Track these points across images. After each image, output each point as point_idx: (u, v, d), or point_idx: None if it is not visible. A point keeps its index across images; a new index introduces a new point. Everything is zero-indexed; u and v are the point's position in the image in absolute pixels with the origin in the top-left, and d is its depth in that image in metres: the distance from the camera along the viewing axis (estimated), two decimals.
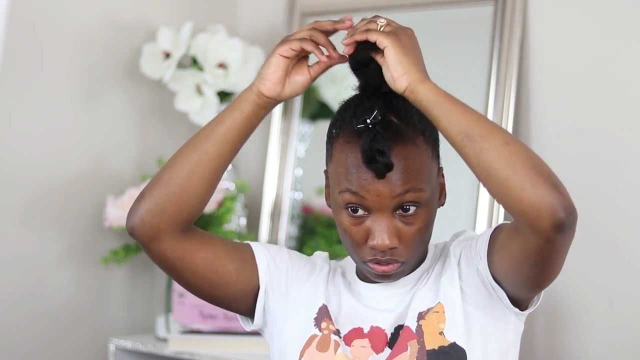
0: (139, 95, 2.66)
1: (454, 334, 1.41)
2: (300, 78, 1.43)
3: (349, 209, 1.39)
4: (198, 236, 1.45)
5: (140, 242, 1.43)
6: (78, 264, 2.55)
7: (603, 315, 2.16)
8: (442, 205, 1.47)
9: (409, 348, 1.40)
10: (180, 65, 2.56)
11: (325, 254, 1.56)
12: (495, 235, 1.39)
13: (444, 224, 2.29)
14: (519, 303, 1.42)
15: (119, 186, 2.58)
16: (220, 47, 2.52)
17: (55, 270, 2.51)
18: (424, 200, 1.38)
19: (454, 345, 1.40)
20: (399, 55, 1.32)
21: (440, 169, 1.46)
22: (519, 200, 1.25)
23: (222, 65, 2.53)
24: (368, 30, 1.35)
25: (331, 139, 1.42)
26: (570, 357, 2.21)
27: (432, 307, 1.43)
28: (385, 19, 1.37)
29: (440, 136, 1.41)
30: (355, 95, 1.43)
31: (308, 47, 1.39)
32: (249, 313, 1.50)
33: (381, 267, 1.40)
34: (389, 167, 1.34)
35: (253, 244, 1.49)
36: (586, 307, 2.19)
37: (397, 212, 1.38)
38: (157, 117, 2.70)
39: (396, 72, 1.32)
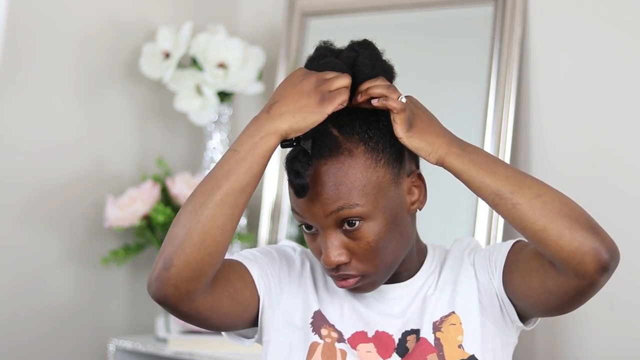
0: (138, 95, 2.66)
1: (472, 347, 1.40)
2: None
3: (303, 226, 1.39)
4: (218, 277, 1.37)
5: (174, 308, 1.34)
6: (78, 264, 2.54)
7: (603, 315, 2.15)
8: (419, 209, 1.42)
9: None
10: (180, 65, 2.56)
11: (299, 248, 1.51)
12: (516, 253, 1.40)
13: (444, 224, 2.29)
14: (522, 319, 1.43)
15: (119, 186, 2.58)
16: (220, 47, 2.52)
17: (55, 270, 2.51)
18: (365, 214, 1.35)
19: (472, 358, 1.39)
20: (414, 142, 1.35)
21: (410, 174, 1.41)
22: (559, 248, 1.27)
23: (222, 65, 2.53)
24: (392, 109, 1.34)
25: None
26: (570, 357, 2.21)
27: (445, 317, 1.42)
28: (402, 96, 1.36)
29: None
30: None
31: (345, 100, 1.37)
32: (252, 326, 1.47)
33: (339, 282, 1.39)
34: (304, 188, 1.31)
35: (241, 259, 1.44)
36: (586, 308, 2.17)
37: (344, 227, 1.36)
38: (157, 117, 2.70)
39: (421, 154, 1.36)
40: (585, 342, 2.19)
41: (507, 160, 2.26)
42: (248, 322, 1.45)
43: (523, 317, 1.43)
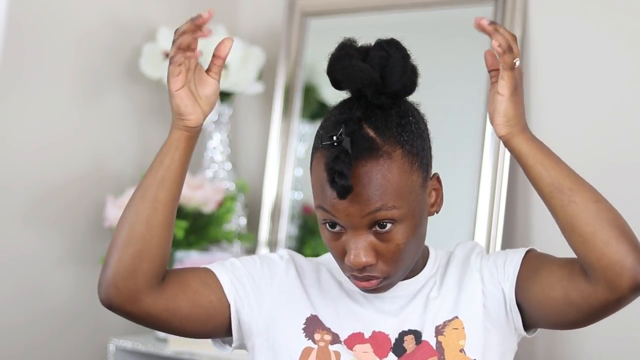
0: (138, 95, 2.66)
1: (474, 352, 1.40)
2: (208, 90, 1.43)
3: (326, 224, 1.37)
4: (173, 278, 1.40)
5: (120, 309, 1.37)
6: (78, 264, 2.55)
7: None
8: (436, 213, 1.43)
9: None
10: None
11: (287, 254, 1.50)
12: (532, 262, 1.40)
13: (444, 225, 2.29)
14: (526, 327, 1.43)
15: (119, 186, 2.58)
16: None
17: (56, 270, 2.51)
18: (399, 216, 1.34)
19: None
20: (509, 107, 1.34)
21: (432, 177, 1.42)
22: (602, 255, 1.28)
23: None
24: (511, 65, 1.32)
25: (313, 149, 1.40)
26: (570, 357, 2.21)
27: (449, 321, 1.42)
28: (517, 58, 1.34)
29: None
30: (340, 103, 1.40)
31: (178, 57, 1.40)
32: (228, 334, 1.47)
33: (361, 283, 1.38)
34: (348, 190, 1.30)
35: (210, 267, 1.45)
36: None
37: (373, 229, 1.35)
38: (157, 117, 2.70)
39: (500, 119, 1.34)
40: (585, 342, 2.19)
41: (507, 159, 2.26)
42: (220, 328, 1.45)
43: (528, 326, 1.43)
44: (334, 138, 1.31)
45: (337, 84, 1.36)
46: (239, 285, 1.44)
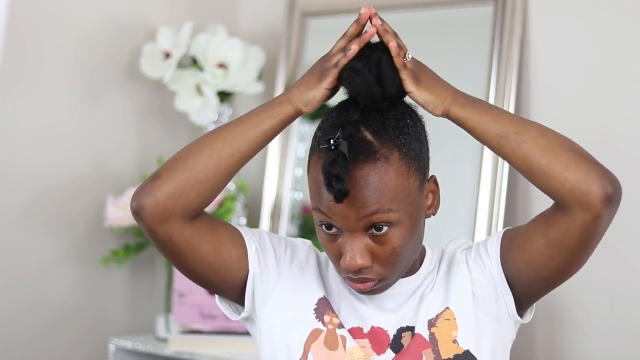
0: (139, 95, 2.66)
1: (466, 341, 1.41)
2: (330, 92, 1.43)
3: (322, 226, 1.39)
4: (204, 219, 1.43)
5: (147, 223, 1.39)
6: (78, 264, 2.55)
7: (603, 315, 2.16)
8: (433, 215, 1.44)
9: (423, 357, 1.40)
10: (180, 65, 2.56)
11: (309, 242, 1.53)
12: (509, 235, 1.41)
13: (444, 225, 2.29)
14: (519, 310, 1.44)
15: (119, 186, 2.58)
16: (220, 47, 2.52)
17: (56, 270, 2.51)
18: (395, 219, 1.35)
19: (467, 353, 1.40)
20: (424, 95, 1.37)
21: (429, 179, 1.43)
22: (565, 179, 1.30)
23: (222, 65, 2.53)
24: (402, 63, 1.37)
25: (310, 150, 1.41)
26: (570, 357, 2.21)
27: (440, 313, 1.43)
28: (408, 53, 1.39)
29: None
30: (339, 104, 1.42)
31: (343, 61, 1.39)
32: (239, 299, 1.48)
33: (356, 285, 1.39)
34: (345, 194, 1.31)
35: (241, 229, 1.48)
36: (586, 308, 2.19)
37: (370, 232, 1.36)
38: (157, 117, 2.70)
39: (428, 107, 1.38)
40: (585, 340, 2.19)
41: None
42: (229, 286, 1.46)
43: (522, 305, 1.43)
44: (331, 142, 1.33)
45: (343, 84, 1.39)
46: (262, 255, 1.46)
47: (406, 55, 1.38)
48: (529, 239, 1.37)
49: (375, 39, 1.41)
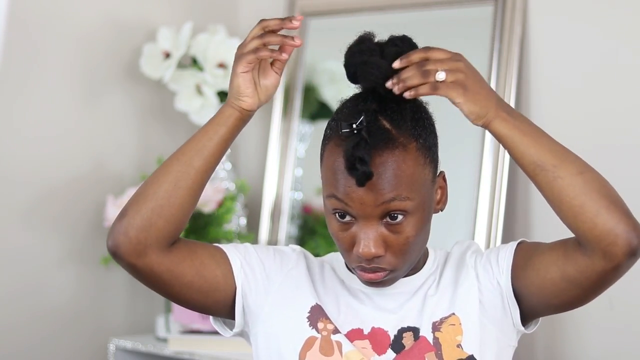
0: (139, 95, 2.66)
1: (470, 347, 1.40)
2: (269, 81, 1.43)
3: (336, 214, 1.38)
4: (182, 246, 1.43)
5: (125, 260, 1.40)
6: (78, 264, 2.55)
7: (603, 316, 2.15)
8: (442, 210, 1.45)
9: None
10: (180, 65, 2.56)
11: (299, 248, 1.53)
12: (524, 252, 1.40)
13: (444, 225, 2.29)
14: (524, 322, 1.44)
15: (119, 186, 2.58)
16: (220, 47, 2.52)
17: (56, 270, 2.51)
18: (411, 208, 1.36)
19: (471, 358, 1.40)
20: (470, 106, 1.33)
21: (439, 174, 1.43)
22: (593, 226, 1.28)
23: (222, 65, 2.53)
24: (434, 87, 1.32)
25: (324, 139, 1.41)
26: (570, 356, 2.21)
27: (445, 318, 1.42)
28: (440, 71, 1.33)
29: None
30: (353, 96, 1.41)
31: (264, 54, 1.39)
32: (231, 316, 1.48)
33: (367, 275, 1.39)
34: (369, 176, 1.31)
35: (224, 247, 1.47)
36: (586, 308, 2.17)
37: (384, 220, 1.36)
38: (157, 117, 2.70)
39: (470, 118, 1.34)
40: (585, 341, 2.19)
41: (507, 159, 2.26)
42: (220, 306, 1.46)
43: (526, 318, 1.43)
44: (354, 126, 1.32)
45: (353, 78, 1.38)
46: (249, 270, 1.45)
47: (436, 76, 1.33)
48: (545, 267, 1.36)
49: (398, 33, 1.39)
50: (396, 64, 1.33)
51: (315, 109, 2.68)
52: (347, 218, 1.37)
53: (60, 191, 2.51)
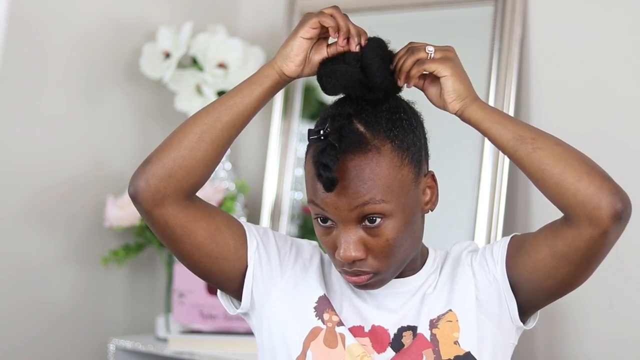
0: (138, 95, 2.66)
1: (468, 344, 1.41)
2: (318, 58, 1.42)
3: (318, 219, 1.39)
4: (201, 205, 1.43)
5: (143, 207, 1.39)
6: (78, 264, 2.55)
7: (603, 316, 2.16)
8: (431, 210, 1.45)
9: (424, 357, 1.40)
10: (180, 65, 2.56)
11: (315, 243, 1.54)
12: (516, 242, 1.41)
13: (444, 225, 2.29)
14: (523, 317, 1.44)
15: (119, 186, 2.58)
16: (220, 47, 2.52)
17: (55, 270, 2.51)
18: (388, 211, 1.36)
19: (468, 355, 1.40)
20: (456, 83, 1.37)
21: (426, 174, 1.43)
22: (576, 192, 1.29)
23: (222, 65, 2.53)
24: (421, 61, 1.37)
25: (307, 146, 1.42)
26: (570, 356, 2.21)
27: (442, 315, 1.43)
28: (429, 45, 1.39)
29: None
30: (334, 101, 1.42)
31: (327, 21, 1.39)
32: (237, 294, 1.48)
33: (351, 278, 1.40)
34: (333, 182, 1.32)
35: (246, 224, 1.48)
36: (586, 308, 2.19)
37: (363, 224, 1.37)
38: (157, 117, 2.70)
39: (450, 97, 1.37)
40: (585, 341, 2.19)
41: (507, 159, 2.26)
42: (226, 277, 1.45)
43: (525, 312, 1.44)
44: (321, 132, 1.34)
45: (326, 90, 1.39)
46: (264, 252, 1.46)
47: (426, 49, 1.38)
48: (535, 248, 1.37)
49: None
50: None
51: (315, 109, 2.68)
52: (329, 222, 1.39)
53: (60, 191, 2.51)
